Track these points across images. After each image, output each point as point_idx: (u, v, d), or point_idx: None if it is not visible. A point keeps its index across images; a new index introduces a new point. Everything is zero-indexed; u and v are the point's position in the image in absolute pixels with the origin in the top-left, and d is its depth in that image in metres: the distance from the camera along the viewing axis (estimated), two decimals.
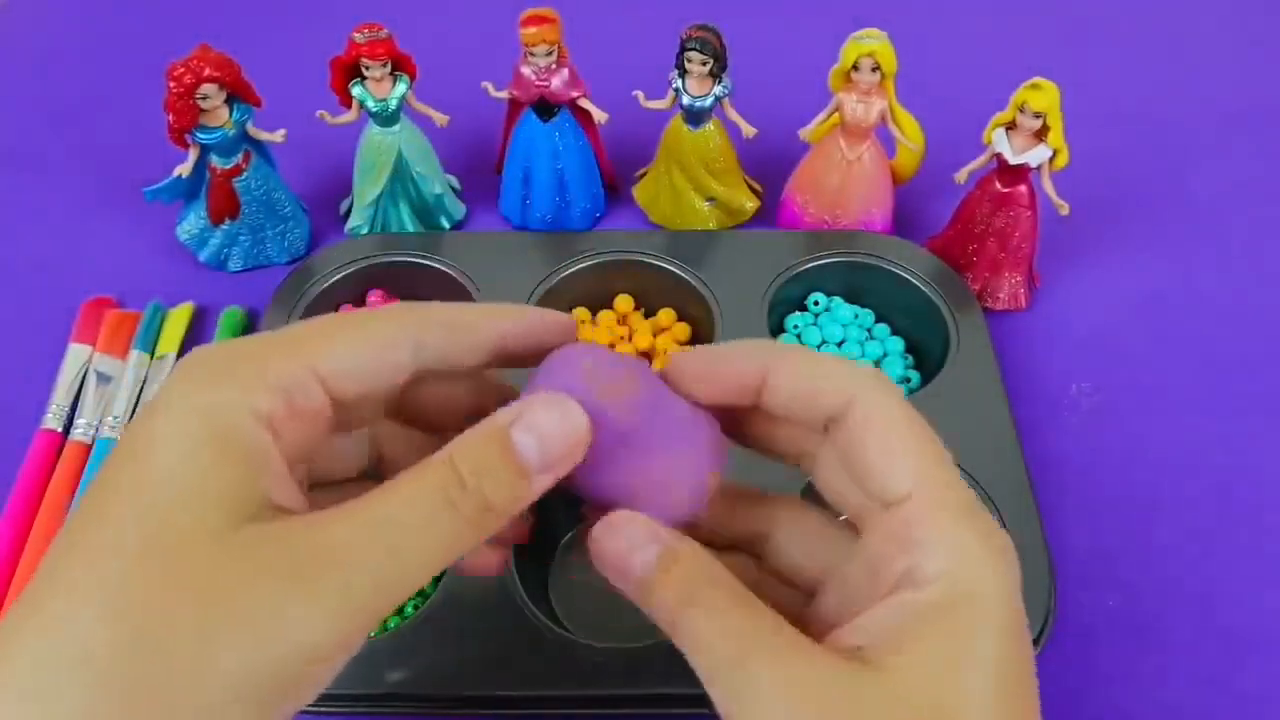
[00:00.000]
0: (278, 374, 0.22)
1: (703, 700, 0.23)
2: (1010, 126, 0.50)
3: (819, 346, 0.51)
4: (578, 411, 0.23)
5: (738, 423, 0.27)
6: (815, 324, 0.52)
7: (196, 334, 0.53)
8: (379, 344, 0.24)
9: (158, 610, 0.19)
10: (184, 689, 0.19)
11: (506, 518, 0.23)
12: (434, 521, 0.22)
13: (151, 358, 0.51)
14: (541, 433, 0.23)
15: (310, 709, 0.23)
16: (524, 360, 0.27)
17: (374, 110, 0.53)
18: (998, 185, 0.51)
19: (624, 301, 0.54)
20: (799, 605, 0.26)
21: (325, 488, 0.26)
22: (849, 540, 0.26)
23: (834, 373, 0.25)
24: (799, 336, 0.52)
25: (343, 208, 0.59)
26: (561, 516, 0.45)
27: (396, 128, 0.54)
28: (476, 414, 0.24)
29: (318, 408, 0.23)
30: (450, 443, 0.23)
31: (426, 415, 0.28)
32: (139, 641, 0.19)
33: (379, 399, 0.25)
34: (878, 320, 0.53)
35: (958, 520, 0.23)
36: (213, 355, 0.23)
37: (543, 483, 0.23)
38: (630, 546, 0.24)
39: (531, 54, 0.52)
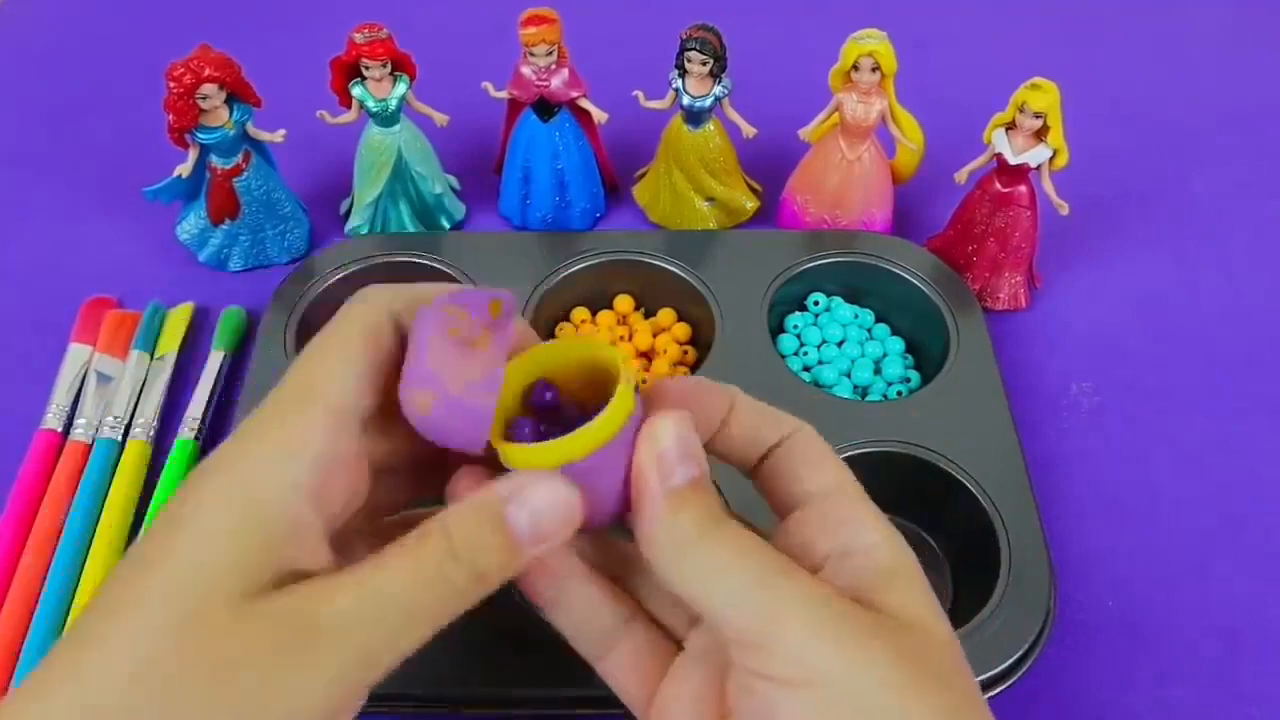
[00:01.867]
0: (318, 447, 0.24)
1: None
2: (1010, 126, 0.50)
3: (819, 347, 0.51)
4: (569, 490, 0.24)
5: None
6: (815, 324, 0.52)
7: (196, 334, 0.53)
8: None
9: (174, 678, 0.21)
10: None
11: (499, 584, 0.24)
12: (426, 592, 0.23)
13: (151, 358, 0.51)
14: (534, 509, 0.24)
15: None
16: None
17: (374, 110, 0.53)
18: (998, 185, 0.51)
19: (624, 301, 0.54)
20: None
21: (391, 474, 0.28)
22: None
23: (779, 416, 0.28)
24: (799, 336, 0.52)
25: (343, 208, 0.59)
26: None
27: (396, 128, 0.54)
28: None
29: (359, 470, 0.25)
30: (446, 513, 0.24)
31: None
32: (151, 706, 0.21)
33: None
34: (878, 320, 0.53)
35: (872, 512, 0.27)
36: (262, 429, 0.24)
37: (536, 552, 0.24)
38: (681, 454, 0.25)
39: (531, 54, 0.52)
